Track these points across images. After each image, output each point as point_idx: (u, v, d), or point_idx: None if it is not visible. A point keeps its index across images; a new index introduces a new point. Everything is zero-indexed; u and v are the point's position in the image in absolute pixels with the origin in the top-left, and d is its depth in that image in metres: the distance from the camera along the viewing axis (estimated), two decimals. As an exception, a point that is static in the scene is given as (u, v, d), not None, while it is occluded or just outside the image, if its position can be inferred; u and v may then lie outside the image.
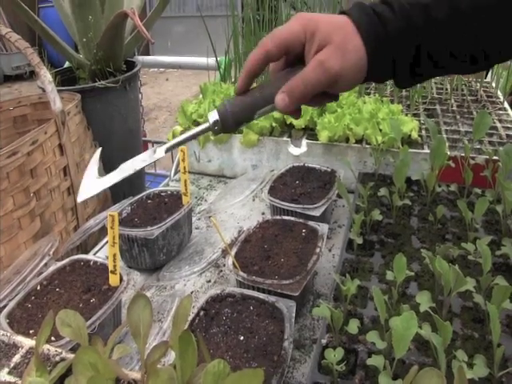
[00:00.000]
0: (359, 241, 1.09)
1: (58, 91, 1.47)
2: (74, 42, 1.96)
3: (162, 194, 1.37)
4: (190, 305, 0.65)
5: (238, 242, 1.14)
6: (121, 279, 1.01)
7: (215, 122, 0.80)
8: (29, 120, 1.66)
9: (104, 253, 1.34)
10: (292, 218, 1.22)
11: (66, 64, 2.00)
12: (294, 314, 0.90)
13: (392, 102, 1.91)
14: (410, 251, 1.12)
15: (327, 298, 1.14)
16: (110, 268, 1.00)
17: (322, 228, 1.17)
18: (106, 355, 0.70)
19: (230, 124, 0.80)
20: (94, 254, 1.34)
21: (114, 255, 1.00)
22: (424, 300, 0.87)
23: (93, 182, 0.86)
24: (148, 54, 9.52)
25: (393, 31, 0.75)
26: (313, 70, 0.74)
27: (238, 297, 0.96)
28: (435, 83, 2.19)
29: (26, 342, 0.79)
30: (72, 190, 1.44)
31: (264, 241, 1.15)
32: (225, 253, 1.25)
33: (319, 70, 0.74)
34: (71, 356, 0.75)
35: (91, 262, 1.07)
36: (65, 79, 1.90)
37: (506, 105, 1.95)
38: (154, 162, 0.86)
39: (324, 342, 0.85)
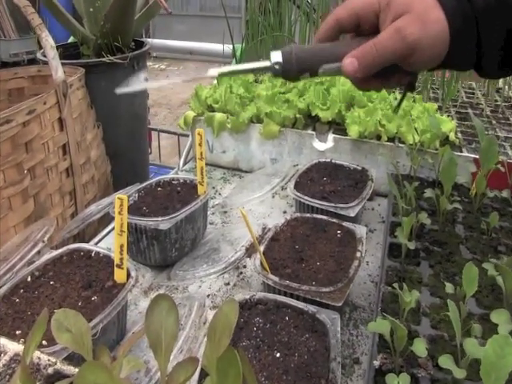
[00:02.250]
0: (411, 246, 0.93)
1: (61, 65, 1.32)
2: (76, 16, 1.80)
3: (174, 181, 1.21)
4: (236, 314, 0.49)
5: (265, 240, 0.97)
6: (128, 275, 0.84)
7: (277, 63, 0.71)
8: (26, 94, 1.49)
9: (106, 244, 1.17)
10: (324, 217, 1.07)
11: (71, 39, 1.84)
12: (339, 329, 0.75)
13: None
14: (460, 262, 0.97)
15: (365, 310, 0.98)
16: (116, 261, 0.83)
17: (360, 230, 1.02)
18: (116, 373, 0.54)
19: (292, 68, 0.72)
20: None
21: (122, 246, 0.84)
22: (502, 320, 0.72)
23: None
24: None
25: (481, 9, 0.66)
26: (388, 35, 0.67)
27: (271, 304, 0.80)
28: (463, 87, 2.05)
29: (11, 347, 0.62)
30: (71, 171, 1.28)
31: (294, 240, 0.99)
32: (250, 251, 1.09)
33: (395, 36, 0.66)
34: (68, 368, 0.59)
35: (93, 253, 0.91)
36: (67, 55, 1.73)
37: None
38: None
39: (377, 363, 0.70)
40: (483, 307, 0.83)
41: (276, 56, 0.72)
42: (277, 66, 0.72)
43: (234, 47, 1.93)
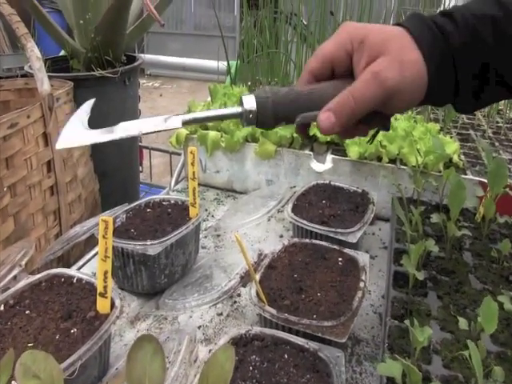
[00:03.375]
0: (420, 276, 0.86)
1: (49, 78, 1.25)
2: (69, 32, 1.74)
3: (164, 202, 1.14)
4: (232, 363, 0.42)
5: (261, 267, 0.90)
6: (112, 305, 0.77)
7: (250, 111, 0.65)
8: (11, 108, 1.42)
9: (90, 268, 1.10)
10: (324, 243, 1.00)
11: (62, 53, 1.78)
12: (343, 369, 0.68)
13: (422, 123, 1.71)
14: (470, 293, 0.91)
15: (368, 344, 0.91)
16: (99, 289, 0.76)
17: (363, 258, 0.95)
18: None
19: (267, 116, 0.66)
20: (78, 269, 1.10)
21: (106, 273, 0.76)
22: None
23: (79, 131, 0.69)
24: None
25: (457, 46, 0.65)
26: (365, 82, 0.63)
27: (269, 340, 0.73)
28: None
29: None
30: (56, 190, 1.20)
31: (293, 268, 0.92)
32: (245, 280, 1.01)
33: (373, 82, 0.63)
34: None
35: (74, 279, 0.84)
36: (56, 69, 1.67)
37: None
38: (164, 130, 0.67)
39: (387, 410, 0.63)
40: (499, 344, 0.77)
41: (249, 102, 0.65)
42: (250, 115, 0.65)
43: (228, 64, 1.87)
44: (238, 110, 0.66)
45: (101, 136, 0.67)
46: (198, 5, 9.37)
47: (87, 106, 0.77)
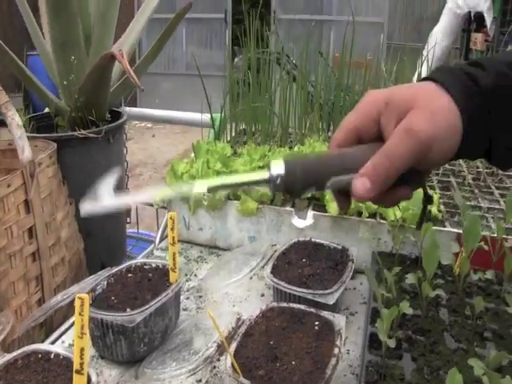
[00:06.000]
0: (391, 344, 0.88)
1: (32, 138, 1.29)
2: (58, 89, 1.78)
3: (146, 266, 1.16)
4: None
5: (238, 335, 0.92)
6: (89, 382, 0.78)
7: (278, 176, 0.62)
8: (-5, 168, 1.45)
9: (71, 337, 1.11)
10: (302, 307, 1.01)
11: (46, 110, 1.81)
12: None
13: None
14: (444, 353, 0.93)
15: (345, 410, 0.92)
16: (76, 366, 0.77)
17: (339, 321, 0.97)
18: None
19: (296, 183, 0.63)
20: (60, 336, 1.11)
21: (82, 350, 0.78)
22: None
23: (106, 196, 0.67)
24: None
25: (486, 87, 0.63)
26: (398, 139, 0.61)
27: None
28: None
29: None
30: (38, 255, 1.22)
31: (269, 335, 0.93)
32: (221, 349, 1.03)
33: (406, 138, 0.60)
34: None
35: (52, 355, 0.85)
36: (42, 126, 1.70)
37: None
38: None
39: None
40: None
41: (277, 167, 0.62)
42: (278, 181, 0.62)
43: (212, 117, 1.91)
44: (265, 175, 0.63)
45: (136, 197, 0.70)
46: (189, 44, 9.55)
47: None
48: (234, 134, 1.96)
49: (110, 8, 1.65)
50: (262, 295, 1.26)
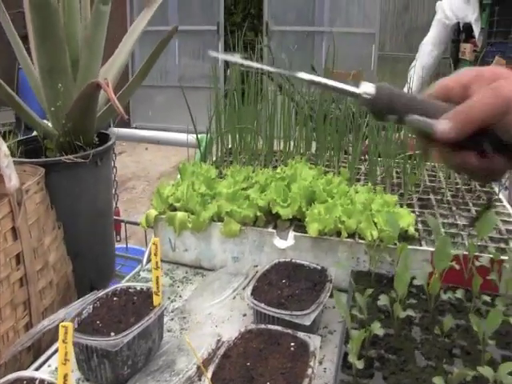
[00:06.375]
0: (359, 365, 0.92)
1: (19, 163, 1.32)
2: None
3: (131, 290, 1.20)
4: None
5: (216, 357, 0.97)
6: (72, 407, 0.83)
7: (368, 94, 0.72)
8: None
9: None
10: (279, 328, 1.06)
11: (35, 132, 1.85)
12: None
13: (384, 190, 1.79)
14: (414, 371, 0.98)
15: (319, 428, 0.97)
16: (60, 393, 0.82)
17: (314, 341, 1.01)
18: None
19: (381, 102, 0.72)
20: (47, 360, 1.15)
21: (66, 376, 0.82)
22: None
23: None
24: (128, 123, 9.53)
25: None
26: (483, 93, 0.69)
27: None
28: (427, 170, 2.09)
29: None
30: (25, 280, 1.25)
31: (247, 357, 0.98)
32: (200, 372, 1.07)
33: (490, 92, 0.69)
34: None
35: (36, 382, 0.89)
36: (30, 149, 1.73)
37: (501, 196, 1.86)
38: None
39: None
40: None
41: (367, 87, 0.72)
42: (366, 98, 0.72)
43: (197, 138, 1.96)
44: (355, 89, 0.73)
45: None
46: (182, 56, 9.61)
47: None
48: (220, 154, 2.00)
49: (97, 34, 1.69)
50: (244, 315, 1.31)
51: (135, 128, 9.32)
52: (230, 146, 2.05)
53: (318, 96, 2.04)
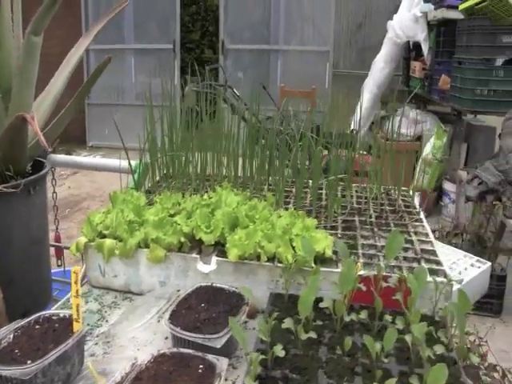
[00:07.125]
0: (253, 388, 1.00)
1: None
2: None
3: (54, 317, 1.25)
4: None
5: (127, 380, 1.03)
6: None
7: None
8: None
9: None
10: (190, 351, 1.13)
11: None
12: None
13: (311, 212, 1.88)
14: (315, 390, 1.05)
15: None
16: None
17: (221, 364, 1.08)
18: None
19: None
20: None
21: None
22: None
23: None
24: (84, 141, 9.50)
25: None
26: None
27: None
28: (356, 191, 2.18)
29: None
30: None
31: (156, 379, 1.05)
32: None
33: None
34: None
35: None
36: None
37: (422, 215, 1.96)
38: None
39: None
40: None
41: None
42: None
43: (129, 163, 2.03)
44: None
45: None
46: (138, 74, 9.64)
47: None
48: (153, 181, 2.07)
49: (29, 63, 1.73)
50: (166, 338, 1.36)
51: (91, 147, 9.31)
52: (165, 172, 2.12)
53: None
